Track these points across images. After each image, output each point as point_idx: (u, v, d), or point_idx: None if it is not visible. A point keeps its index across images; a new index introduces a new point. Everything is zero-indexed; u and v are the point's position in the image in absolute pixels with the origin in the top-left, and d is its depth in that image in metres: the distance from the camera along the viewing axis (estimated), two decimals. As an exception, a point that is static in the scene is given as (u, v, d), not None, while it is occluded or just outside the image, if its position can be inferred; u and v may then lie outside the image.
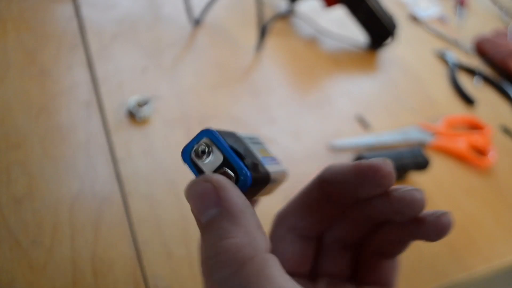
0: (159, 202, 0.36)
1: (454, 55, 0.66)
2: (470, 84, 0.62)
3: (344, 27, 0.63)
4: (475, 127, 0.55)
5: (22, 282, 0.29)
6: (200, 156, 0.17)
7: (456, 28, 0.74)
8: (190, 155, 0.17)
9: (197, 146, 0.17)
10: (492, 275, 0.41)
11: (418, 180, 0.46)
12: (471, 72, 0.64)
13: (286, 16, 0.62)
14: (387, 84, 0.57)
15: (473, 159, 0.50)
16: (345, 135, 0.48)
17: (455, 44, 0.70)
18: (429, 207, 0.18)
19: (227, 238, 0.14)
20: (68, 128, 0.39)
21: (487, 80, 0.64)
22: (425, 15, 0.73)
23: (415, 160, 0.46)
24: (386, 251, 0.20)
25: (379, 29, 0.59)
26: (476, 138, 0.52)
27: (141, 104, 0.42)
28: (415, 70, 0.61)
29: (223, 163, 0.16)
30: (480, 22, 0.78)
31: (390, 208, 0.18)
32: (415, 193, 0.18)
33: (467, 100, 0.58)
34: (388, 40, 0.60)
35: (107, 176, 0.37)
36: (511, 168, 0.51)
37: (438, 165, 0.48)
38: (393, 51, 0.62)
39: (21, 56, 0.44)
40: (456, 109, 0.57)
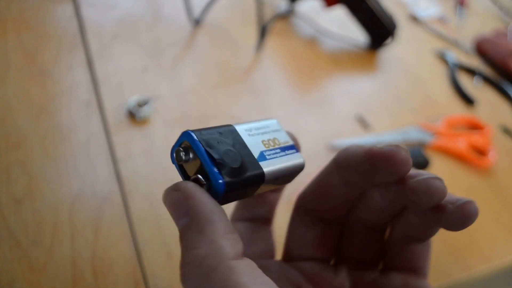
0: (159, 202, 0.36)
1: (454, 55, 0.66)
2: (470, 84, 0.62)
3: (344, 27, 0.63)
4: (475, 127, 0.55)
5: (22, 282, 0.29)
6: (183, 159, 0.16)
7: (456, 28, 0.74)
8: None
9: (177, 149, 0.16)
10: (492, 275, 0.41)
11: (418, 180, 0.46)
12: (471, 72, 0.64)
13: (286, 16, 0.62)
14: (387, 84, 0.57)
15: (473, 159, 0.50)
16: (345, 135, 0.48)
17: (455, 44, 0.70)
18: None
19: (191, 249, 0.14)
20: (68, 128, 0.39)
21: (487, 80, 0.64)
22: (425, 15, 0.73)
23: (415, 160, 0.46)
24: (414, 234, 0.19)
25: (379, 29, 0.59)
26: (476, 138, 0.52)
27: (141, 104, 0.42)
28: (415, 70, 0.61)
29: (200, 168, 0.16)
30: (480, 22, 0.78)
31: (405, 198, 0.17)
32: (432, 181, 0.16)
33: (467, 100, 0.58)
34: (388, 40, 0.60)
35: (107, 176, 0.37)
36: (511, 168, 0.51)
37: (438, 165, 0.48)
38: (393, 51, 0.62)
39: (21, 56, 0.44)
40: (456, 109, 0.57)
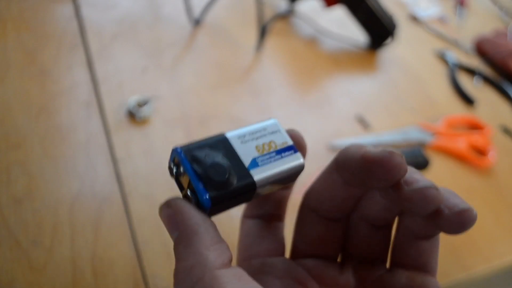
0: (159, 202, 0.36)
1: (454, 55, 0.66)
2: (470, 84, 0.62)
3: (344, 27, 0.63)
4: (475, 127, 0.55)
5: (22, 282, 0.29)
6: (175, 174, 0.18)
7: (456, 28, 0.74)
8: None
9: (170, 165, 0.18)
10: (492, 275, 0.41)
11: (418, 180, 0.46)
12: (471, 72, 0.64)
13: (286, 16, 0.62)
14: (387, 84, 0.57)
15: (473, 159, 0.50)
16: (345, 135, 0.48)
17: (455, 44, 0.70)
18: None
19: (180, 261, 0.15)
20: (68, 128, 0.39)
21: (487, 80, 0.64)
22: (425, 15, 0.73)
23: (415, 160, 0.46)
24: (420, 231, 0.19)
25: (379, 29, 0.59)
26: (476, 138, 0.52)
27: (141, 104, 0.42)
28: (415, 70, 0.61)
29: (189, 183, 0.17)
30: (480, 22, 0.78)
31: (400, 204, 0.17)
32: (427, 191, 0.16)
33: (467, 100, 0.58)
34: (388, 40, 0.60)
35: (107, 176, 0.37)
36: (511, 168, 0.51)
37: (438, 165, 0.48)
38: (393, 51, 0.62)
39: (21, 56, 0.44)
40: (456, 109, 0.57)
